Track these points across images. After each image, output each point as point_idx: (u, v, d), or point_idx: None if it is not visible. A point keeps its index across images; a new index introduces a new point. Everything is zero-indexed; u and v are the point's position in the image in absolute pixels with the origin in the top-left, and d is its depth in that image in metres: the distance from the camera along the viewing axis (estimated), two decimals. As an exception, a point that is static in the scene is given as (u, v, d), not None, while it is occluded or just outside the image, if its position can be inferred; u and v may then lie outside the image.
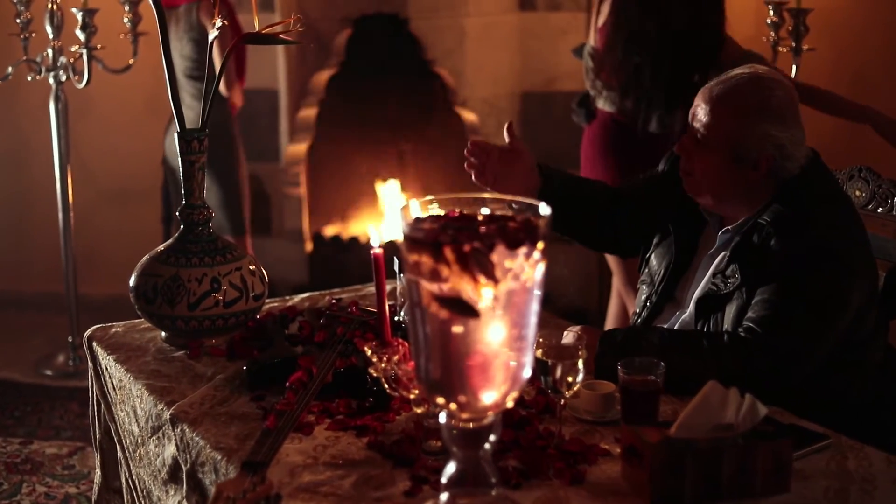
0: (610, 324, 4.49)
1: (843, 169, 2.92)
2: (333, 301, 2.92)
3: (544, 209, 1.65)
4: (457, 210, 1.73)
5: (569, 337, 2.58)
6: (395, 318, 2.58)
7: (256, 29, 2.55)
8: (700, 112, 2.54)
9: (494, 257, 1.57)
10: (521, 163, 2.70)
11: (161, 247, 2.66)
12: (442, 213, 1.72)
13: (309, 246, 5.93)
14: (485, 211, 1.72)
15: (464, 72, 5.69)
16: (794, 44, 4.39)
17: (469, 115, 5.77)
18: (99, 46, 4.85)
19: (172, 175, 5.23)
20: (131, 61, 5.05)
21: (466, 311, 1.57)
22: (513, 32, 5.71)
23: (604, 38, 4.18)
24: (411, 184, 5.97)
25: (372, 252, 1.98)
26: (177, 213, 2.67)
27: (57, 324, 5.55)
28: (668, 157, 2.81)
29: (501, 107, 5.79)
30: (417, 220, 1.68)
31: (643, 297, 2.76)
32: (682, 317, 2.62)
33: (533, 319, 1.66)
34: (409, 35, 5.62)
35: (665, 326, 2.65)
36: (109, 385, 2.61)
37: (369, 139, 5.94)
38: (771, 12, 4.49)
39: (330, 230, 6.03)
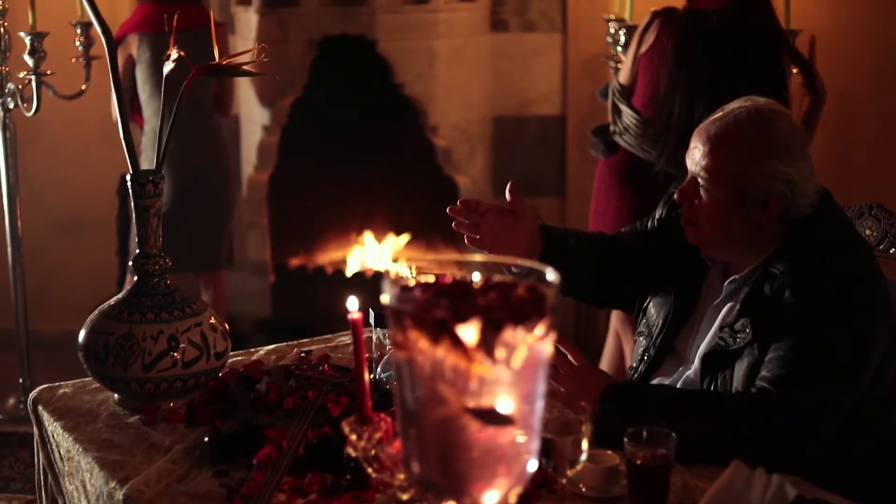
0: (605, 364, 4.31)
1: (853, 206, 2.73)
2: (302, 354, 2.71)
3: (552, 275, 1.44)
4: (448, 275, 1.52)
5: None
6: (372, 376, 2.38)
7: (216, 59, 2.34)
8: (699, 154, 2.35)
9: (497, 333, 1.36)
10: (523, 226, 2.51)
11: (112, 300, 2.44)
12: (431, 279, 1.50)
13: (272, 278, 5.75)
14: (476, 276, 1.51)
15: (434, 96, 5.54)
16: (783, 67, 4.20)
17: (440, 141, 5.62)
18: (49, 72, 4.63)
19: (127, 205, 5.00)
20: (84, 87, 4.83)
21: (502, 420, 1.38)
22: (485, 54, 5.55)
23: (649, 67, 3.96)
24: (379, 214, 5.83)
25: (349, 317, 1.76)
26: (130, 263, 2.45)
27: (6, 363, 5.29)
28: (665, 201, 2.62)
29: (473, 132, 5.63)
30: (405, 289, 1.47)
31: (640, 349, 2.56)
32: (686, 373, 2.42)
33: (540, 404, 1.45)
34: (377, 58, 5.47)
35: (668, 383, 2.45)
36: (56, 455, 2.38)
37: (334, 167, 5.79)
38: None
39: (294, 261, 5.85)
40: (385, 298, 1.44)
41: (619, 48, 4.48)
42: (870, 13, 5.05)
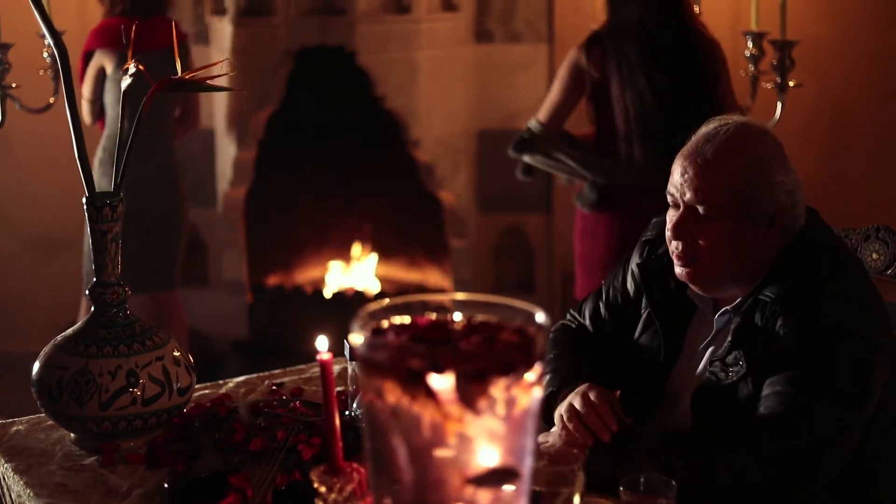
0: None
1: (857, 228, 2.60)
2: (274, 387, 2.56)
3: (541, 317, 1.30)
4: (425, 314, 1.38)
5: (552, 437, 2.24)
6: (346, 413, 2.24)
7: (178, 73, 2.20)
8: (696, 180, 2.20)
9: (481, 385, 1.23)
10: None
11: (69, 331, 2.29)
12: (407, 319, 1.36)
13: (249, 297, 5.62)
14: (458, 316, 1.37)
15: (416, 109, 5.42)
16: (778, 79, 4.09)
17: (422, 156, 5.50)
18: (14, 85, 4.47)
19: None
20: (52, 100, 4.67)
21: (507, 478, 1.25)
22: (469, 66, 5.43)
23: (593, 92, 3.92)
24: (358, 233, 5.73)
25: (318, 358, 1.62)
26: (86, 293, 2.30)
27: (-29, 385, 5.15)
28: (643, 245, 2.47)
29: (457, 146, 5.52)
30: (377, 332, 1.33)
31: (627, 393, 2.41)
32: (676, 412, 2.28)
33: (529, 457, 1.31)
34: (357, 69, 5.36)
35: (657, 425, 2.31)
36: (8, 499, 2.23)
37: (313, 183, 5.69)
38: (750, 44, 4.20)
39: (272, 280, 5.75)
40: (354, 340, 1.31)
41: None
42: (865, 19, 4.97)
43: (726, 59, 3.94)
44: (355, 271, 5.71)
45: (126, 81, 2.17)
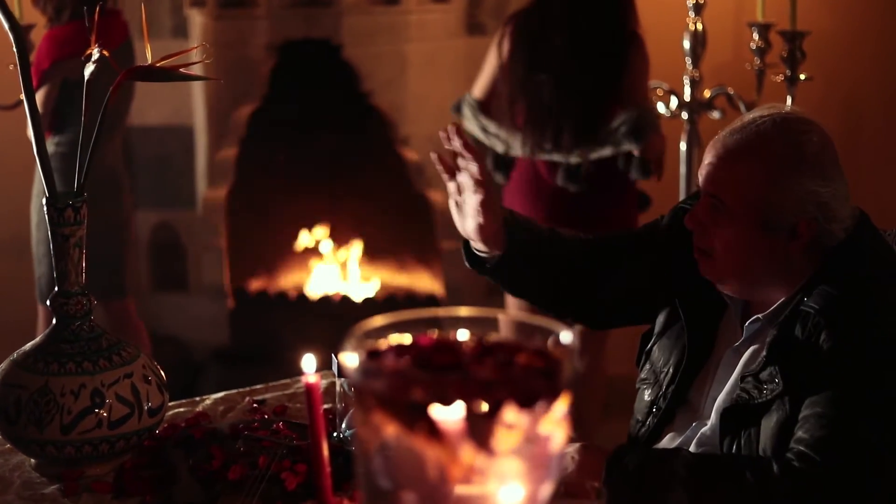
0: None
1: (887, 230, 2.42)
2: (255, 405, 2.38)
3: (567, 336, 1.12)
4: (427, 333, 1.19)
5: (566, 460, 2.06)
6: (334, 435, 2.07)
7: (149, 60, 2.01)
8: (714, 172, 2.04)
9: (500, 420, 1.04)
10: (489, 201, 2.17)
11: (27, 346, 2.10)
12: (407, 338, 1.18)
13: (230, 303, 5.46)
14: (463, 335, 1.19)
15: (405, 105, 5.28)
16: (788, 72, 3.93)
17: (411, 154, 5.35)
18: (-18, 80, 4.30)
19: None
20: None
21: None
22: (459, 60, 5.27)
23: (507, 68, 3.92)
24: (345, 234, 5.57)
25: (304, 381, 1.43)
26: (47, 303, 2.12)
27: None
28: (672, 214, 2.30)
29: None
30: (373, 354, 1.14)
31: (647, 399, 2.23)
32: (702, 429, 2.10)
33: (545, 501, 1.13)
34: (343, 63, 5.22)
35: (681, 441, 2.13)
36: (-41, 531, 2.04)
37: (297, 182, 5.52)
38: (755, 35, 4.05)
39: (254, 284, 5.59)
40: (345, 362, 1.13)
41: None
42: (871, 11, 4.86)
43: (647, 57, 3.90)
44: (341, 274, 5.55)
45: (89, 69, 1.99)
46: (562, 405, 1.08)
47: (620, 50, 3.83)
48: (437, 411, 1.03)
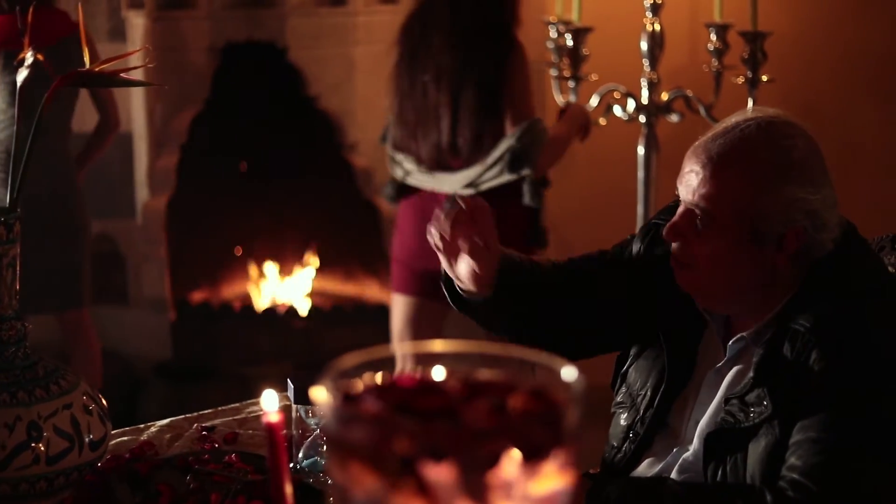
0: None
1: (869, 238, 2.33)
2: (204, 432, 2.24)
3: (570, 372, 1.00)
4: (408, 371, 1.06)
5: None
6: (291, 465, 1.95)
7: (87, 65, 1.87)
8: (696, 180, 1.93)
9: (496, 475, 0.92)
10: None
11: (-44, 375, 1.95)
12: (381, 378, 1.05)
13: (172, 315, 5.33)
14: (440, 372, 1.06)
15: (353, 110, 5.21)
16: (749, 73, 3.84)
17: (359, 161, 5.27)
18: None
19: None
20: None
21: None
22: (408, 63, 5.17)
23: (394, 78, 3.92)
24: (291, 243, 5.47)
25: (264, 420, 1.30)
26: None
27: None
28: (645, 233, 2.18)
29: (397, 150, 5.24)
30: (349, 397, 1.01)
31: (623, 424, 2.11)
32: (684, 455, 1.99)
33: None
34: (288, 67, 5.14)
35: (660, 468, 2.02)
36: None
37: (241, 190, 5.43)
38: (713, 36, 3.96)
39: (197, 296, 5.47)
40: (320, 406, 1.00)
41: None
42: (833, 13, 4.81)
43: (527, 64, 3.85)
44: (288, 285, 5.45)
45: (22, 74, 1.85)
46: (564, 455, 0.96)
47: (501, 53, 3.78)
48: (426, 465, 0.91)
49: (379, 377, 1.05)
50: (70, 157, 4.39)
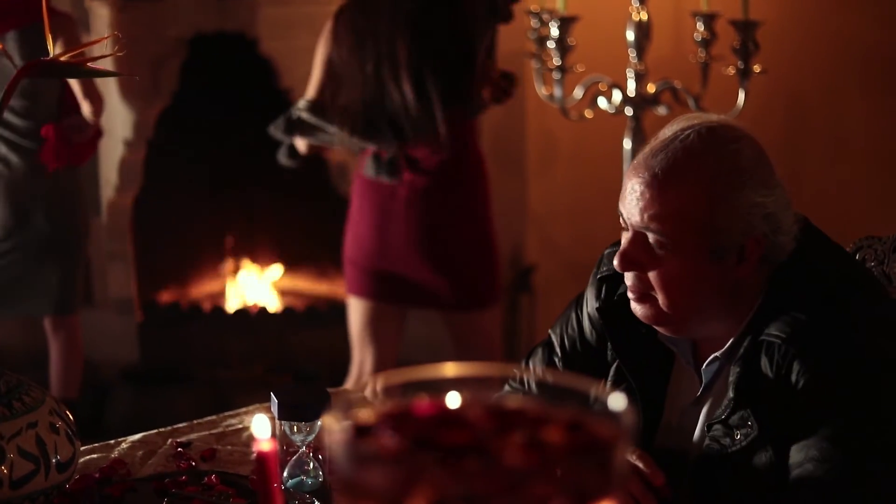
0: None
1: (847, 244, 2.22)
2: (179, 448, 2.11)
3: (619, 401, 0.88)
4: (423, 400, 0.94)
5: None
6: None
7: (50, 54, 1.74)
8: (643, 201, 1.79)
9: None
10: None
11: (-89, 391, 1.82)
12: (395, 406, 0.93)
13: (139, 316, 5.22)
14: (455, 400, 0.94)
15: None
16: (741, 64, 3.74)
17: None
18: None
19: None
20: None
21: None
22: (384, 54, 5.05)
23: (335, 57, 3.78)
24: (262, 240, 5.37)
25: (255, 448, 1.18)
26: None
27: None
28: (599, 283, 2.03)
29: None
30: (362, 430, 0.89)
31: None
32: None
33: None
34: (259, 58, 5.00)
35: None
36: None
37: (211, 186, 5.31)
38: (701, 26, 3.86)
39: (165, 296, 5.35)
40: (330, 441, 0.88)
41: (552, 43, 3.96)
42: (821, 3, 4.73)
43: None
44: (260, 284, 5.34)
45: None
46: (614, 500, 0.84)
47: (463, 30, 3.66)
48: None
49: (391, 404, 0.93)
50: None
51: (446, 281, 3.74)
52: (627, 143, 4.02)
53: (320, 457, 1.88)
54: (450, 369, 0.96)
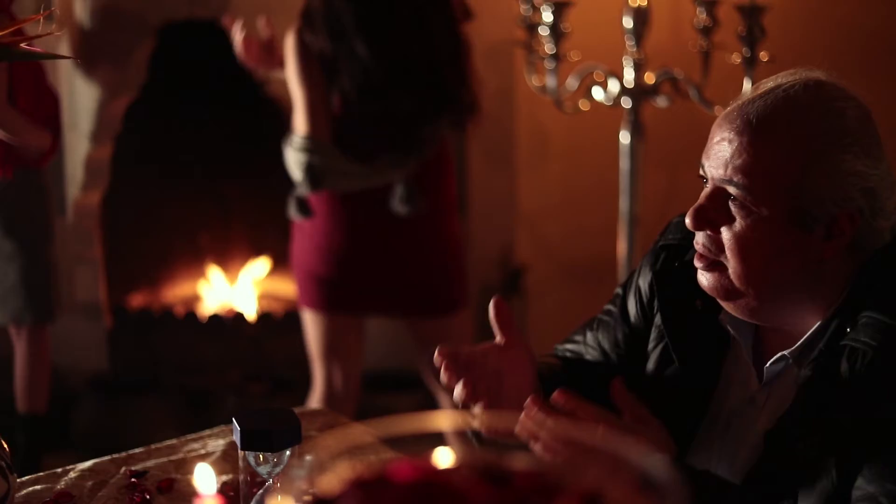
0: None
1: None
2: (133, 479, 1.92)
3: (660, 465, 0.68)
4: (401, 461, 0.75)
5: None
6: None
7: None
8: (730, 149, 1.64)
9: None
10: (520, 369, 1.83)
11: None
12: (367, 469, 0.74)
13: (108, 322, 5.09)
14: (443, 456, 0.76)
15: None
16: (747, 52, 3.59)
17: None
18: None
19: None
20: None
21: None
22: (363, 42, 4.91)
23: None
24: (237, 241, 5.27)
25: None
26: None
27: None
28: (652, 264, 1.89)
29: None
30: (321, 502, 0.69)
31: None
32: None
33: None
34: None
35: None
36: None
37: (182, 184, 5.20)
38: (702, 12, 3.71)
39: (135, 301, 5.24)
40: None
41: (547, 30, 3.81)
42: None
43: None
44: (236, 288, 5.22)
45: None
46: None
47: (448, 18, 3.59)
48: None
49: (362, 468, 0.73)
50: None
51: (410, 287, 3.62)
52: (625, 137, 3.90)
53: (290, 491, 1.69)
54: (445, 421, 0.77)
